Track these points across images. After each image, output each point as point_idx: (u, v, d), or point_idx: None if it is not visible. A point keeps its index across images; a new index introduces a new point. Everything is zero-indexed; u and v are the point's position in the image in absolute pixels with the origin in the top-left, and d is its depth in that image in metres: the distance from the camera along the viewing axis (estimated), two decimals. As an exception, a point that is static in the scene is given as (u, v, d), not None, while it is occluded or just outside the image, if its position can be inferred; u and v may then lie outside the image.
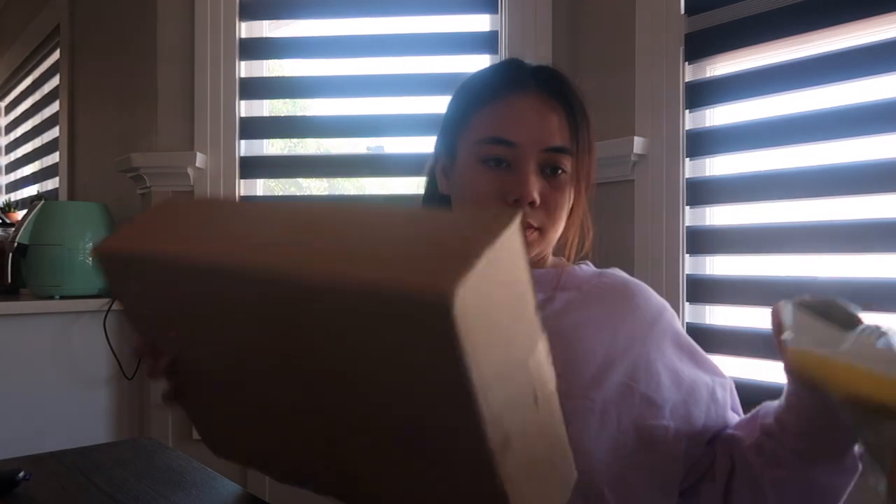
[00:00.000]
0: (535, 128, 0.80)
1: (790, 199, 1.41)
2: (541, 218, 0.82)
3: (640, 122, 1.62)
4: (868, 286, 1.30)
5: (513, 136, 0.80)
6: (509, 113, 0.82)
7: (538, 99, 0.82)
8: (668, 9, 1.58)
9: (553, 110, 0.82)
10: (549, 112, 0.81)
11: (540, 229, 0.82)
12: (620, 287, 0.88)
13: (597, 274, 0.91)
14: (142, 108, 2.07)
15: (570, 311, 0.84)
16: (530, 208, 0.80)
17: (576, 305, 0.85)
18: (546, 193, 0.81)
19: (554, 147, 0.81)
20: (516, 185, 0.80)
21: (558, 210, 0.82)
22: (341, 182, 2.08)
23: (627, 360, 0.81)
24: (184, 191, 1.92)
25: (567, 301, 0.86)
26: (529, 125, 0.80)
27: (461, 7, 1.90)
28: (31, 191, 3.26)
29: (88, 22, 2.50)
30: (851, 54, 1.32)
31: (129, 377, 2.01)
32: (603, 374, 0.80)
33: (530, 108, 0.81)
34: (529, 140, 0.80)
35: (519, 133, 0.80)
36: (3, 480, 0.88)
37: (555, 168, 0.81)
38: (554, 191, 0.81)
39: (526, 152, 0.80)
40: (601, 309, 0.85)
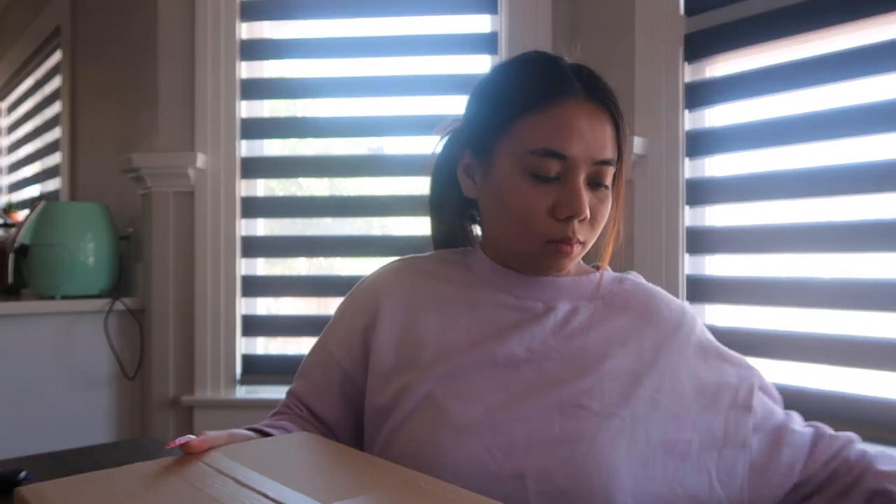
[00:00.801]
0: (589, 140, 0.77)
1: (789, 199, 1.41)
2: (586, 232, 0.79)
3: (640, 123, 1.62)
4: (868, 286, 1.30)
5: (567, 149, 0.76)
6: (563, 123, 0.77)
7: (590, 106, 0.78)
8: (668, 9, 1.58)
9: (603, 121, 0.78)
10: (600, 123, 0.78)
11: (584, 243, 0.80)
12: (642, 296, 0.86)
13: (616, 280, 0.88)
14: (143, 108, 2.07)
15: (596, 324, 0.82)
16: (577, 223, 0.77)
17: (600, 318, 0.83)
18: (594, 207, 0.79)
19: (604, 160, 0.78)
20: (569, 202, 0.76)
21: (602, 222, 0.80)
22: (341, 182, 2.09)
23: (654, 372, 0.79)
24: (184, 191, 1.92)
25: (591, 313, 0.84)
26: (583, 137, 0.76)
27: (461, 7, 1.90)
28: (32, 191, 3.27)
29: (89, 23, 2.51)
30: (851, 54, 1.32)
31: (130, 377, 2.01)
32: (631, 390, 0.78)
33: (583, 117, 0.77)
34: (583, 153, 0.76)
35: (572, 146, 0.76)
36: (4, 480, 0.88)
37: (600, 181, 0.78)
38: (601, 203, 0.79)
39: (578, 165, 0.76)
40: (626, 321, 0.83)
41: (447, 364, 0.79)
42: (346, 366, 0.87)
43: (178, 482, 0.60)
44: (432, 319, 0.84)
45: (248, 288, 1.96)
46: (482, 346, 0.80)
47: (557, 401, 0.76)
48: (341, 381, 0.87)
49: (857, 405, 1.30)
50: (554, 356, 0.79)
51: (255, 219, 1.98)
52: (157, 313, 1.95)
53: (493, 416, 0.75)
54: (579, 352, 0.80)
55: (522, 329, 0.81)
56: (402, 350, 0.83)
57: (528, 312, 0.82)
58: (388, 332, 0.85)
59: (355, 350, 0.87)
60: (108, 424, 2.01)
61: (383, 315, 0.86)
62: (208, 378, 1.90)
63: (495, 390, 0.77)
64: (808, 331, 1.37)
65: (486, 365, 0.79)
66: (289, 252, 2.01)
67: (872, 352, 1.28)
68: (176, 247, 1.94)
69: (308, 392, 0.90)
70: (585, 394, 0.76)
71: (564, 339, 0.81)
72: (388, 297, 0.87)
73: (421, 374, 0.80)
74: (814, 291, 1.37)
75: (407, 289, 0.87)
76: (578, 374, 0.78)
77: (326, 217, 2.02)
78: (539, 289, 0.84)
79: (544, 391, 0.77)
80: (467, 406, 0.76)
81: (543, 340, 0.80)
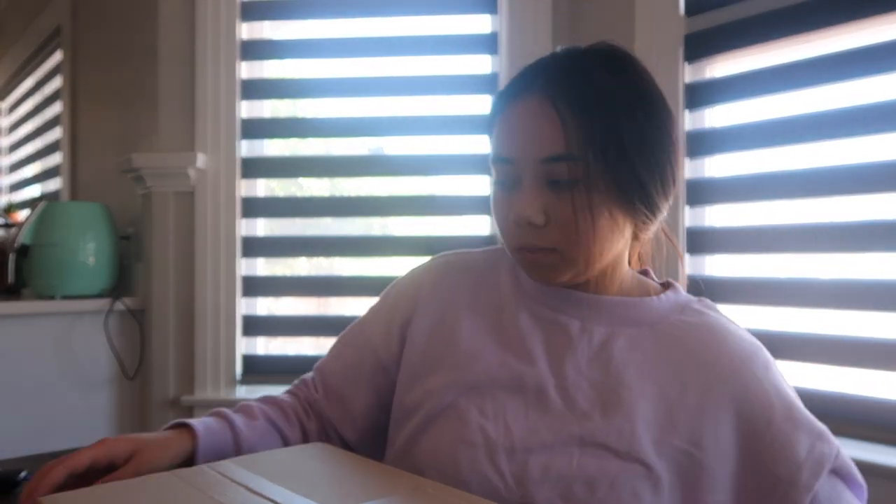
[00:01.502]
0: (533, 139, 0.71)
1: (790, 199, 1.41)
2: (553, 237, 0.71)
3: (640, 123, 1.62)
4: (868, 286, 1.30)
5: (508, 151, 0.73)
6: (507, 127, 0.73)
7: (539, 104, 0.71)
8: (668, 9, 1.58)
9: (551, 116, 0.70)
10: (548, 119, 0.70)
11: (556, 250, 0.72)
12: (701, 330, 0.75)
13: (678, 308, 0.78)
14: (143, 108, 2.07)
15: (635, 354, 0.74)
16: (536, 229, 0.71)
17: (642, 348, 0.74)
18: (552, 208, 0.71)
19: (550, 156, 0.70)
20: (514, 207, 0.72)
21: (571, 225, 0.70)
22: (342, 182, 2.09)
23: (695, 421, 0.71)
24: (184, 191, 1.92)
25: (632, 341, 0.75)
26: (522, 136, 0.72)
27: (461, 7, 1.90)
28: (32, 191, 3.27)
29: (90, 23, 2.51)
30: (851, 54, 1.32)
31: (130, 377, 2.01)
32: (664, 437, 0.70)
33: (526, 115, 0.72)
34: (525, 154, 0.71)
35: (512, 147, 0.72)
36: (5, 480, 0.88)
37: (557, 178, 0.70)
38: (561, 203, 0.70)
39: (524, 167, 0.71)
40: (674, 357, 0.74)
41: (475, 376, 0.76)
42: (382, 355, 0.84)
43: (191, 491, 0.61)
44: (466, 325, 0.80)
45: (248, 288, 1.96)
46: (512, 366, 0.75)
47: (580, 436, 0.70)
48: (373, 370, 0.85)
49: (857, 405, 1.30)
50: (584, 386, 0.73)
51: (256, 219, 1.98)
52: (158, 313, 1.95)
53: (511, 441, 0.71)
54: (612, 385, 0.73)
55: (555, 351, 0.76)
56: (433, 351, 0.80)
57: (562, 330, 0.76)
58: (422, 329, 0.82)
59: (393, 339, 0.84)
60: (108, 424, 2.01)
61: (421, 310, 0.83)
62: (208, 378, 1.90)
63: (519, 414, 0.73)
64: (808, 331, 1.37)
65: (513, 386, 0.74)
66: (289, 252, 2.01)
67: (872, 352, 1.28)
68: (176, 247, 1.94)
69: (336, 371, 0.87)
70: (612, 433, 0.70)
71: (599, 368, 0.74)
72: (428, 293, 0.84)
73: (446, 381, 0.77)
74: (814, 291, 1.37)
75: (447, 287, 0.84)
76: (607, 409, 0.71)
77: (326, 217, 2.02)
78: (578, 305, 0.77)
79: (568, 423, 0.71)
80: (489, 425, 0.72)
81: (576, 366, 0.74)
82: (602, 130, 0.69)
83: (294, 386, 0.91)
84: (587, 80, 0.72)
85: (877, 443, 1.27)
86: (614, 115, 0.70)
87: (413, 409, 0.78)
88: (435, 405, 0.76)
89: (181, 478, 0.64)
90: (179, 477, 0.65)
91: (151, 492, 0.62)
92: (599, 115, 0.70)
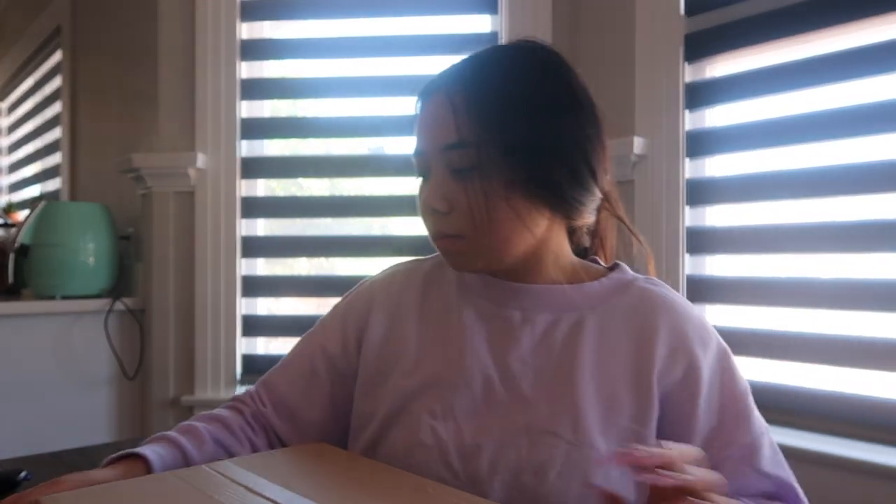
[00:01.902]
0: (430, 130, 0.75)
1: (790, 200, 1.41)
2: (457, 224, 0.74)
3: (640, 123, 1.62)
4: (868, 286, 1.30)
5: (418, 144, 0.77)
6: (417, 122, 0.78)
7: (434, 99, 0.76)
8: (668, 9, 1.58)
9: (443, 105, 0.74)
10: (443, 109, 0.74)
11: (462, 237, 0.74)
12: (645, 307, 0.76)
13: (621, 287, 0.79)
14: (143, 108, 2.07)
15: (577, 338, 0.75)
16: (443, 216, 0.74)
17: (584, 332, 0.75)
18: (454, 195, 0.73)
19: (447, 144, 0.73)
20: (422, 196, 0.77)
21: (471, 212, 0.72)
22: (342, 182, 2.09)
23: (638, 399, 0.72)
24: (184, 191, 1.92)
25: (574, 326, 0.76)
26: (426, 129, 0.76)
27: (461, 7, 1.90)
28: (32, 191, 3.27)
29: (90, 23, 2.51)
30: (851, 54, 1.32)
31: (130, 377, 2.01)
32: (610, 419, 0.71)
33: (428, 109, 0.76)
34: (427, 144, 0.76)
35: (420, 140, 0.77)
36: (4, 480, 0.88)
37: (456, 166, 0.73)
38: (463, 190, 0.73)
39: (429, 158, 0.76)
40: (614, 336, 0.75)
41: (423, 379, 0.77)
42: (340, 364, 0.85)
43: (191, 491, 0.61)
44: (414, 330, 0.82)
45: (248, 288, 1.96)
46: (458, 364, 0.77)
47: (527, 425, 0.71)
48: (330, 381, 0.85)
49: (857, 405, 1.30)
50: (529, 376, 0.74)
51: (256, 219, 1.98)
52: (158, 313, 1.95)
53: (462, 439, 0.73)
54: (556, 372, 0.74)
55: (498, 343, 0.77)
56: (384, 359, 0.82)
57: (505, 323, 0.78)
58: (375, 338, 0.83)
59: (350, 349, 0.85)
60: (108, 424, 2.01)
61: (373, 320, 0.84)
62: (208, 378, 1.90)
63: (468, 411, 0.74)
64: (808, 331, 1.37)
65: (460, 384, 0.76)
66: (289, 252, 2.01)
67: (872, 352, 1.28)
68: (176, 247, 1.94)
69: (286, 383, 0.87)
70: (558, 419, 0.71)
71: (542, 356, 0.75)
72: (380, 302, 0.85)
73: (398, 388, 0.78)
74: (814, 291, 1.36)
75: (397, 295, 0.85)
76: (553, 396, 0.73)
77: (327, 217, 2.02)
78: (518, 296, 0.79)
79: (515, 414, 0.73)
80: (439, 425, 0.74)
81: (520, 357, 0.75)
82: (493, 120, 0.72)
83: (234, 401, 0.89)
84: (483, 74, 0.75)
85: (877, 443, 1.27)
86: (507, 107, 0.73)
87: (369, 418, 0.79)
88: (388, 412, 0.77)
89: (181, 478, 0.64)
90: (179, 477, 0.65)
91: (151, 492, 0.62)
92: (491, 106, 0.72)
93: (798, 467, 1.30)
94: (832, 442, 1.29)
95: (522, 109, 0.73)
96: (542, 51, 0.78)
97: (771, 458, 0.74)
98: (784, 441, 1.31)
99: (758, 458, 0.73)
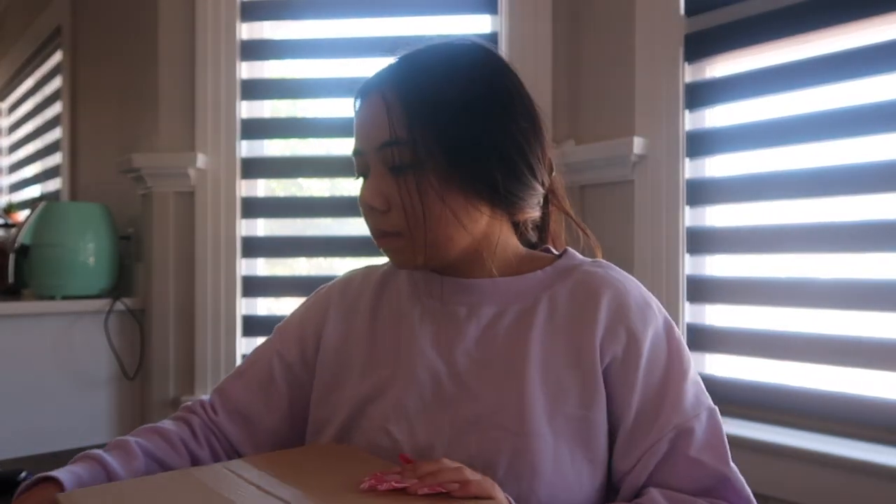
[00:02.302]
0: (367, 130, 0.75)
1: (790, 199, 1.41)
2: (394, 221, 0.74)
3: (640, 123, 1.62)
4: (868, 286, 1.29)
5: (356, 143, 0.78)
6: (355, 121, 0.78)
7: (369, 99, 0.76)
8: (668, 9, 1.58)
9: (377, 104, 0.74)
10: (376, 108, 0.74)
11: (400, 234, 0.74)
12: (587, 290, 0.76)
13: (566, 273, 0.79)
14: (143, 108, 2.07)
15: (521, 328, 0.75)
16: (381, 214, 0.75)
17: (528, 322, 0.75)
18: (391, 192, 0.74)
19: (382, 143, 0.73)
20: (361, 194, 0.76)
21: (408, 209, 0.72)
22: (342, 182, 2.09)
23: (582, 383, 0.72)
24: (185, 191, 1.92)
25: (519, 316, 0.76)
26: (362, 128, 0.76)
27: (461, 7, 1.90)
28: (33, 192, 3.27)
29: (90, 23, 2.51)
30: (851, 54, 1.32)
31: (131, 377, 2.01)
32: (556, 407, 0.71)
33: (364, 108, 0.77)
34: (364, 144, 0.76)
35: (357, 139, 0.77)
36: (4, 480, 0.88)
37: (392, 164, 0.73)
38: (400, 188, 0.73)
39: (366, 157, 0.76)
40: (557, 322, 0.75)
41: (376, 382, 0.78)
42: (298, 371, 0.85)
43: (204, 489, 0.62)
44: (367, 335, 0.82)
45: (248, 288, 1.96)
46: (407, 365, 0.77)
47: (475, 418, 0.72)
48: (288, 387, 0.85)
49: (857, 405, 1.30)
50: (474, 369, 0.75)
51: (256, 219, 1.98)
52: (158, 313, 1.95)
53: (415, 440, 0.73)
54: (501, 363, 0.74)
55: (444, 339, 0.77)
56: (340, 364, 0.82)
57: (451, 319, 0.78)
58: (331, 344, 0.84)
59: (307, 355, 0.85)
60: (108, 424, 2.01)
61: (329, 324, 0.85)
62: (208, 378, 1.90)
63: (419, 410, 0.75)
64: (808, 331, 1.37)
65: (410, 384, 0.76)
66: (289, 252, 2.01)
67: (872, 352, 1.28)
68: (176, 247, 1.94)
69: (242, 390, 0.86)
70: (504, 411, 0.71)
71: (486, 348, 0.75)
72: (335, 306, 0.86)
73: (352, 393, 0.79)
74: (814, 291, 1.36)
75: (352, 299, 0.86)
76: (499, 388, 0.73)
77: (327, 217, 2.02)
78: (464, 292, 0.79)
79: (463, 409, 0.73)
80: (393, 428, 0.74)
81: (465, 351, 0.76)
82: (426, 117, 0.72)
83: (183, 410, 0.89)
84: (415, 72, 0.75)
85: (877, 443, 1.27)
86: (440, 104, 0.73)
87: (325, 424, 0.80)
88: (345, 417, 0.78)
89: (195, 476, 0.65)
90: (193, 475, 0.66)
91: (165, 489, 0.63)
92: (424, 104, 0.73)
93: (798, 467, 1.30)
94: (832, 442, 1.29)
95: (455, 107, 0.73)
96: (476, 49, 0.78)
97: (704, 442, 0.71)
98: (784, 441, 1.31)
99: (688, 442, 0.71)
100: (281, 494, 0.60)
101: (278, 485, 0.62)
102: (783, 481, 1.30)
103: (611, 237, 1.64)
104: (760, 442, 1.33)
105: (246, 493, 0.60)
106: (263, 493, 0.60)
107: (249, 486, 0.62)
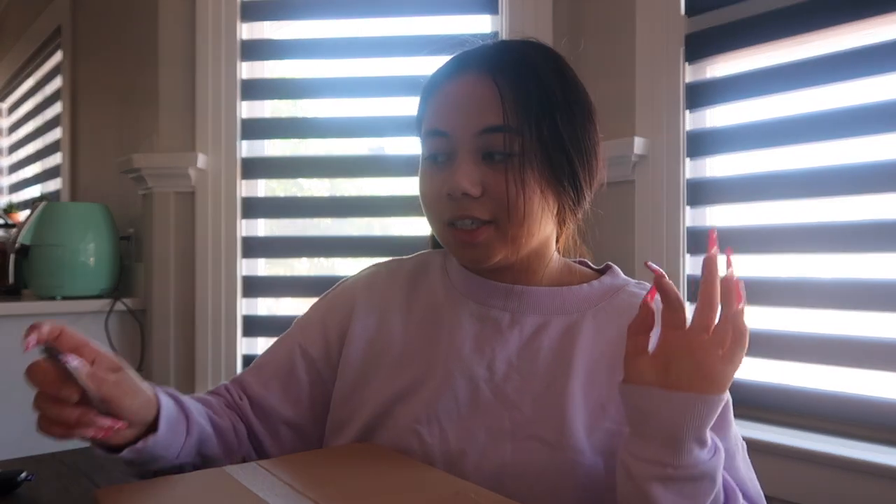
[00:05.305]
0: (469, 112, 0.71)
1: (790, 200, 1.41)
2: (490, 208, 0.71)
3: (641, 123, 1.62)
4: (868, 286, 1.29)
5: (443, 125, 0.73)
6: (443, 101, 0.74)
7: (474, 79, 0.72)
8: (669, 9, 1.58)
9: (487, 87, 0.71)
10: (482, 90, 0.71)
11: (491, 223, 0.71)
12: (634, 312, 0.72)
13: (612, 291, 0.78)
14: (143, 109, 2.07)
15: (565, 342, 0.74)
16: (471, 200, 0.71)
17: (571, 336, 0.74)
18: (488, 181, 0.70)
19: (486, 127, 0.70)
20: (449, 179, 0.71)
21: (504, 198, 0.70)
22: (342, 182, 2.09)
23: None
24: (185, 191, 1.92)
25: (563, 329, 0.75)
26: (461, 111, 0.72)
27: (461, 8, 1.90)
28: (33, 192, 3.27)
29: (90, 23, 2.51)
30: (851, 54, 1.32)
31: (131, 378, 2.01)
32: (595, 423, 0.70)
33: (464, 89, 0.73)
34: (460, 126, 0.72)
35: (449, 120, 0.73)
36: (6, 481, 0.88)
37: (492, 150, 0.71)
38: (496, 176, 0.70)
39: (459, 140, 0.72)
40: (601, 340, 0.74)
41: (407, 382, 0.76)
42: (321, 366, 0.82)
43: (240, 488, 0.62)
44: (398, 331, 0.80)
45: (248, 288, 1.96)
46: (443, 366, 0.75)
47: (511, 429, 0.70)
48: (310, 382, 0.82)
49: (857, 405, 1.30)
50: (515, 378, 0.73)
51: (256, 219, 1.98)
52: (158, 314, 1.95)
53: (447, 444, 0.71)
54: (543, 375, 0.73)
55: (484, 344, 0.75)
56: (368, 360, 0.80)
57: (492, 324, 0.76)
58: (358, 339, 0.81)
59: (332, 349, 0.82)
60: (108, 425, 2.01)
61: (356, 320, 0.82)
62: (209, 378, 1.90)
63: (452, 414, 0.73)
64: (808, 331, 1.37)
65: (445, 386, 0.74)
66: (289, 252, 2.01)
67: (872, 352, 1.28)
68: (177, 247, 1.94)
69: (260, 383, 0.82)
70: (543, 423, 0.70)
71: (529, 359, 0.74)
72: (363, 302, 0.83)
73: (381, 390, 0.76)
74: (814, 291, 1.36)
75: (379, 294, 0.83)
76: (538, 400, 0.71)
77: (327, 217, 2.02)
78: (507, 297, 0.77)
79: (500, 418, 0.71)
80: (424, 430, 0.72)
81: (506, 359, 0.74)
82: (539, 106, 0.71)
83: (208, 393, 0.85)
84: (525, 59, 0.74)
85: (877, 443, 1.27)
86: (550, 94, 0.72)
87: (349, 420, 0.78)
88: (371, 414, 0.76)
89: (232, 474, 0.65)
90: (230, 473, 0.66)
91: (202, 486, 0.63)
92: (536, 92, 0.72)
93: (798, 467, 1.30)
94: (833, 442, 1.29)
95: (563, 104, 0.73)
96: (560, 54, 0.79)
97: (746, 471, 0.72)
98: (785, 441, 1.31)
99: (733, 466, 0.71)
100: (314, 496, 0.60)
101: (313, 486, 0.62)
102: (783, 481, 1.30)
103: (611, 237, 1.64)
104: (760, 442, 1.33)
105: (281, 492, 0.60)
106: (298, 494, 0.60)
107: (285, 485, 0.62)
